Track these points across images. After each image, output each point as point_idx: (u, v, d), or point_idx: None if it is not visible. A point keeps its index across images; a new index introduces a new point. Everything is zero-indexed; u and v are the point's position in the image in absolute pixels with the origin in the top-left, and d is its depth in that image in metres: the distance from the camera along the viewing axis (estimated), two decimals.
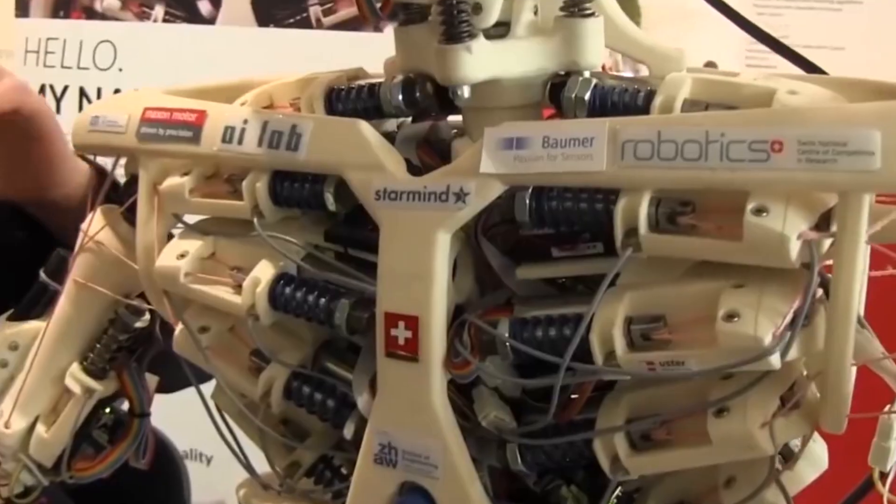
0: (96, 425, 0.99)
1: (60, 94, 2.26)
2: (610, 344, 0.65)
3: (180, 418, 1.60)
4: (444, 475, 0.72)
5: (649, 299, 0.66)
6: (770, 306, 0.62)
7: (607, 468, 0.69)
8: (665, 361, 0.64)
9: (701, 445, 0.66)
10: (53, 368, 0.96)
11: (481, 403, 0.74)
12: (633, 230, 0.65)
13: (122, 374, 0.98)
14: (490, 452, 0.75)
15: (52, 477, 1.00)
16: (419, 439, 0.72)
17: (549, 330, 0.68)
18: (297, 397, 0.80)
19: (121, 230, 0.93)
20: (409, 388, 0.71)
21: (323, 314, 0.76)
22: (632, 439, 0.69)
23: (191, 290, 0.81)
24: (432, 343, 0.69)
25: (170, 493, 1.62)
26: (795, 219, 0.62)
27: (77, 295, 0.95)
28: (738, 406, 0.65)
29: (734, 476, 0.70)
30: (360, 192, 0.73)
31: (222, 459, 2.29)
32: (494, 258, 0.74)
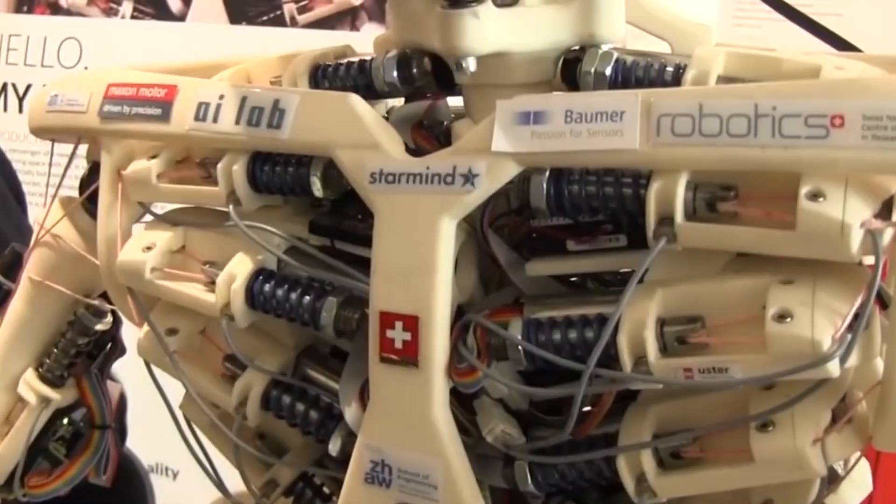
0: (53, 438, 0.91)
1: (23, 93, 2.17)
2: (640, 348, 0.57)
3: (145, 430, 1.52)
4: (445, 497, 0.63)
5: (685, 297, 0.58)
6: (826, 305, 0.54)
7: (632, 490, 0.61)
8: (705, 368, 0.56)
9: (741, 464, 0.58)
10: (6, 375, 0.88)
11: (485, 416, 0.65)
12: (666, 218, 0.57)
13: (82, 382, 0.89)
14: (493, 471, 0.67)
15: (3, 494, 0.91)
16: (417, 456, 0.63)
17: (568, 332, 0.60)
18: (276, 408, 0.72)
19: (80, 223, 0.85)
20: (407, 398, 0.62)
21: (307, 314, 0.67)
22: (660, 457, 0.60)
23: (158, 287, 0.72)
24: (434, 346, 0.61)
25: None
26: (856, 205, 0.54)
27: (32, 294, 0.86)
28: (785, 420, 0.57)
29: (771, 499, 0.62)
30: (352, 174, 0.64)
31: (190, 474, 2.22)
32: (502, 252, 0.66)
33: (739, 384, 0.55)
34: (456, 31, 0.63)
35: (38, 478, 0.90)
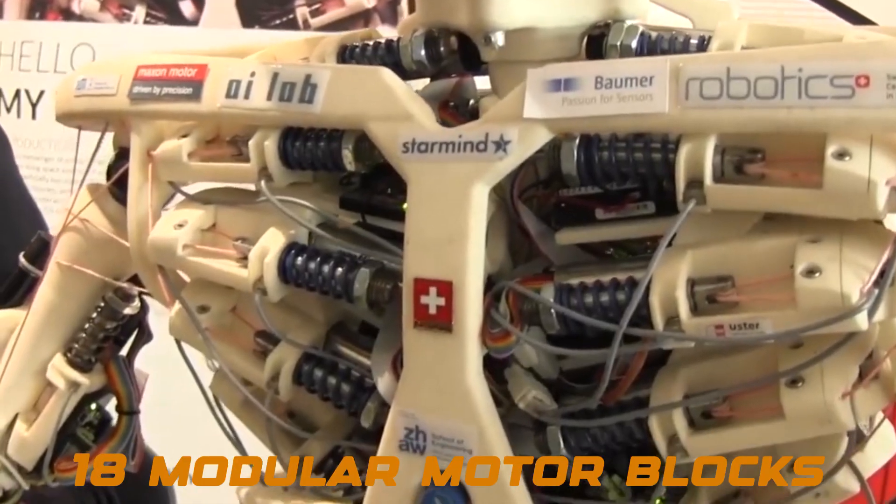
0: (81, 423, 0.92)
1: (36, 99, 2.18)
2: (672, 308, 0.58)
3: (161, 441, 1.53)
4: None
5: (714, 258, 0.59)
6: (854, 260, 0.56)
7: (664, 450, 0.62)
8: (736, 324, 0.57)
9: (771, 421, 0.59)
10: (34, 361, 0.89)
11: (517, 384, 0.66)
12: (695, 181, 0.58)
13: (110, 367, 0.90)
14: (524, 441, 0.68)
15: (32, 480, 0.92)
16: (451, 421, 0.64)
17: (600, 296, 0.61)
18: (308, 382, 0.73)
19: (108, 208, 0.86)
20: (441, 363, 0.63)
21: (340, 286, 0.68)
22: (691, 417, 0.61)
23: (190, 264, 0.73)
24: (467, 311, 0.62)
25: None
26: (882, 163, 0.55)
27: (60, 279, 0.87)
28: (815, 376, 0.58)
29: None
30: (384, 145, 0.65)
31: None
32: (532, 223, 0.67)
33: (771, 339, 0.56)
34: (484, 5, 0.64)
35: (66, 462, 0.91)
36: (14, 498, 0.94)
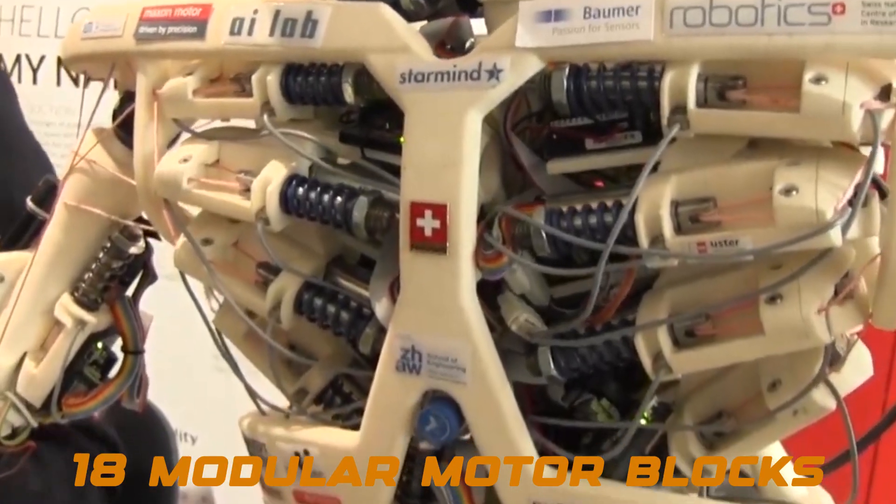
0: (87, 361, 0.94)
1: (37, 64, 2.20)
2: (657, 227, 0.61)
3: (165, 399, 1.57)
4: (473, 380, 0.67)
5: (697, 182, 0.62)
6: (829, 181, 0.59)
7: (649, 366, 0.65)
8: (717, 242, 0.60)
9: (752, 336, 0.62)
10: (42, 300, 0.91)
11: (509, 308, 0.69)
12: (679, 107, 0.61)
13: (115, 307, 0.92)
14: (518, 366, 0.70)
15: (41, 418, 0.94)
16: (446, 341, 0.67)
17: (588, 218, 0.64)
18: (308, 310, 0.76)
19: (114, 150, 0.88)
20: (436, 285, 0.66)
21: (339, 215, 0.71)
22: (675, 336, 0.64)
23: (195, 196, 0.76)
24: (461, 232, 0.65)
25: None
26: (856, 87, 0.58)
27: (67, 220, 0.90)
28: (792, 292, 0.61)
29: (779, 379, 0.66)
30: (383, 77, 0.68)
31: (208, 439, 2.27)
32: (524, 154, 0.70)
33: (750, 254, 0.59)
34: None
35: (74, 399, 0.93)
36: (22, 435, 0.96)
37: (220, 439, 2.20)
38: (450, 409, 0.68)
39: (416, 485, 0.77)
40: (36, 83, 2.13)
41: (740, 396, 0.69)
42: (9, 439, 0.96)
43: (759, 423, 0.66)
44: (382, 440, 0.71)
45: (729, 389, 0.69)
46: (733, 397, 0.69)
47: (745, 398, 0.68)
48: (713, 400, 0.70)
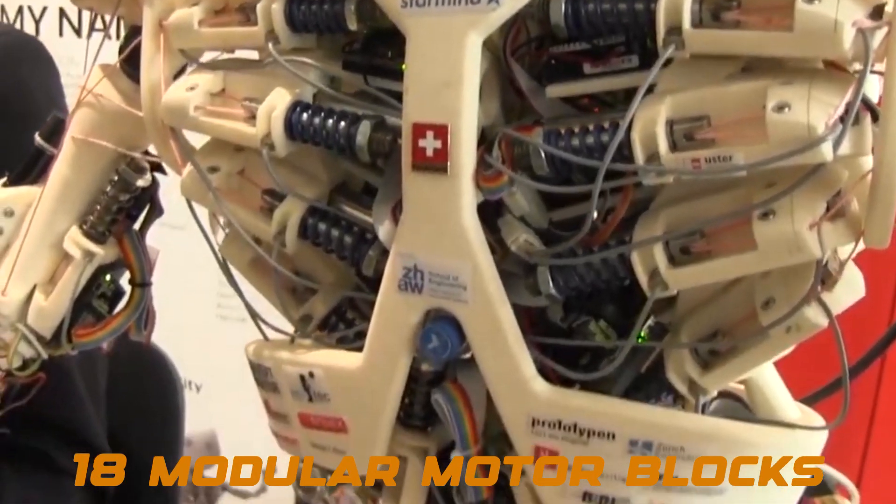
0: (96, 293, 0.96)
1: (39, 15, 2.20)
2: (652, 144, 0.63)
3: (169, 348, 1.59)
4: (474, 297, 0.69)
5: (692, 101, 0.64)
6: (821, 99, 0.60)
7: (645, 283, 0.66)
8: (711, 158, 0.61)
9: (744, 252, 0.63)
10: (51, 234, 0.93)
11: (509, 229, 0.71)
12: (675, 28, 0.62)
13: (123, 240, 0.94)
14: (518, 288, 0.72)
15: (51, 349, 0.97)
16: (447, 259, 0.69)
17: (585, 138, 0.65)
18: (312, 235, 0.77)
19: (121, 85, 0.90)
20: (437, 204, 0.68)
21: (343, 139, 0.72)
22: (671, 253, 0.66)
23: (201, 124, 0.78)
24: (462, 152, 0.66)
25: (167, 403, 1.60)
26: (849, 6, 0.59)
27: (75, 153, 0.91)
28: (785, 208, 0.62)
29: (773, 297, 0.67)
30: (385, 1, 0.69)
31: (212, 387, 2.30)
32: (523, 79, 0.71)
33: (742, 169, 0.61)
34: None
35: (83, 329, 0.95)
36: (32, 367, 0.98)
37: (225, 387, 2.24)
38: (451, 327, 0.70)
39: (418, 407, 0.79)
40: (38, 34, 2.14)
41: (735, 316, 0.70)
42: (20, 370, 0.98)
43: (753, 341, 0.68)
44: (385, 359, 0.73)
45: (724, 309, 0.71)
46: (728, 317, 0.71)
47: (740, 318, 0.70)
48: (709, 320, 0.71)
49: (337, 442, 0.79)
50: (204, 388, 2.26)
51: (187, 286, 2.06)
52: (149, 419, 1.61)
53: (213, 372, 2.23)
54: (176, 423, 1.65)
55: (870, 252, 0.67)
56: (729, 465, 0.69)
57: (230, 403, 2.21)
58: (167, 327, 1.64)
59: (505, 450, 0.76)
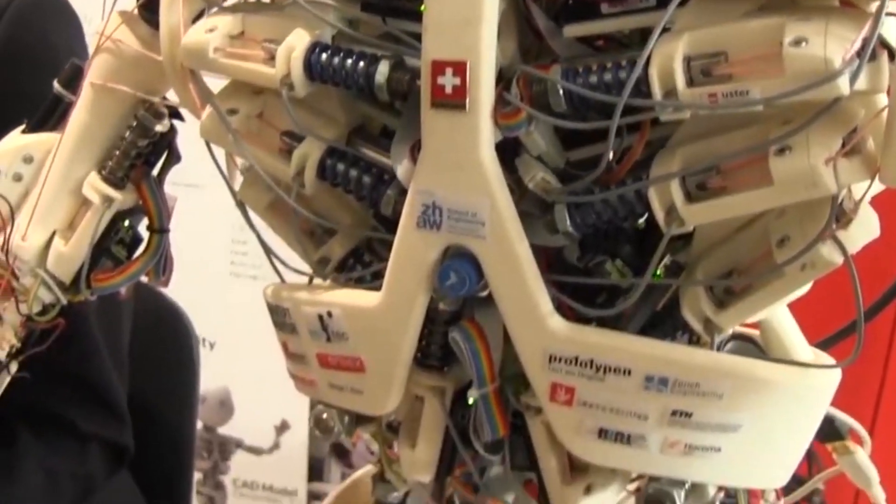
0: (114, 239, 0.96)
1: None
2: (670, 80, 0.63)
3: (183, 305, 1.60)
4: (492, 233, 0.70)
5: (709, 37, 0.64)
6: (838, 34, 0.61)
7: (662, 219, 0.67)
8: (728, 93, 0.62)
9: (760, 187, 0.64)
10: (70, 180, 0.93)
11: (526, 168, 0.72)
12: None
13: (141, 186, 0.95)
14: (535, 229, 0.73)
15: (71, 295, 0.97)
16: (465, 196, 0.69)
17: (603, 74, 0.66)
18: (331, 176, 0.78)
19: (139, 30, 0.90)
20: (456, 141, 0.69)
21: (362, 78, 0.73)
22: (687, 190, 0.67)
23: (220, 65, 0.78)
24: (481, 89, 0.67)
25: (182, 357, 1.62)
26: None
27: (94, 99, 0.92)
28: (801, 144, 0.63)
29: (788, 235, 0.68)
30: None
31: (225, 345, 2.31)
32: (541, 20, 0.72)
33: (759, 103, 0.61)
34: None
35: (102, 274, 0.96)
36: (52, 313, 0.99)
37: (238, 345, 2.26)
38: (469, 264, 0.71)
39: (435, 347, 0.80)
40: None
41: (751, 255, 0.71)
42: (40, 316, 0.98)
43: (768, 278, 0.69)
44: (403, 297, 0.74)
45: (740, 249, 0.72)
46: (744, 256, 0.72)
47: (756, 257, 0.71)
48: (724, 259, 0.72)
49: (355, 381, 0.80)
50: (217, 345, 2.27)
51: (200, 244, 2.07)
52: (165, 373, 1.62)
53: (227, 329, 2.25)
54: (192, 377, 1.66)
55: (887, 192, 0.68)
56: (744, 402, 0.70)
57: (244, 360, 2.23)
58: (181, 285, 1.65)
59: (521, 390, 0.77)
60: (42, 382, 1.04)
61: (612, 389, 0.70)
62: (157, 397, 1.58)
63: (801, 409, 0.74)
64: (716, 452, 0.72)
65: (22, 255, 0.95)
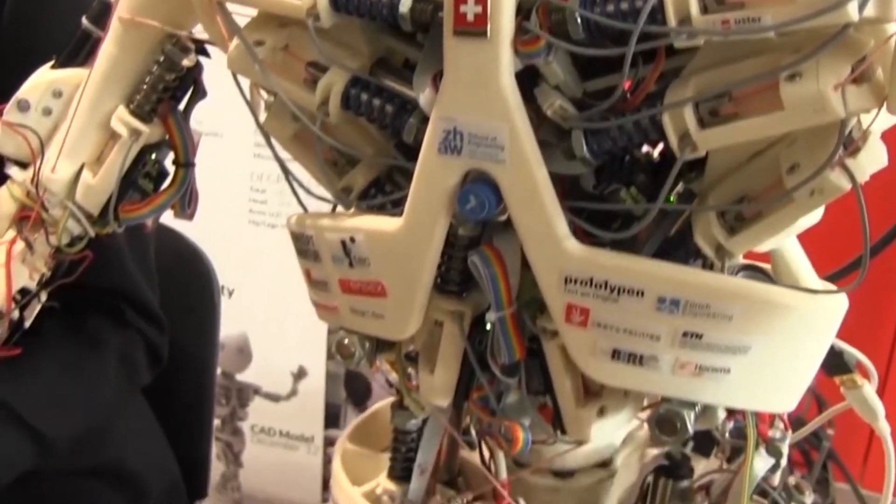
0: (141, 172, 0.99)
1: None
2: (684, 8, 0.65)
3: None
4: (511, 158, 0.72)
5: None
6: None
7: (675, 144, 0.69)
8: (740, 19, 0.64)
9: (771, 112, 0.66)
10: (99, 113, 0.96)
11: (544, 96, 0.74)
12: None
13: (168, 120, 0.97)
14: (552, 157, 0.75)
15: (98, 227, 1.00)
16: (486, 121, 0.72)
17: (620, 3, 0.68)
18: (355, 105, 0.80)
19: None
20: (477, 68, 0.71)
21: (385, 9, 0.75)
22: (700, 116, 0.69)
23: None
24: (502, 16, 0.69)
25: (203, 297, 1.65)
26: None
27: (122, 33, 0.94)
28: (811, 70, 0.65)
29: (797, 162, 0.70)
30: None
31: (243, 291, 2.33)
32: None
33: (770, 29, 0.63)
34: None
35: (129, 206, 0.98)
36: (79, 245, 1.02)
37: (257, 292, 2.28)
38: (489, 188, 0.73)
39: (454, 273, 0.82)
40: None
41: (761, 183, 0.73)
42: (68, 247, 1.01)
43: (778, 204, 0.71)
44: (425, 221, 0.76)
45: (751, 177, 0.74)
46: (755, 184, 0.74)
47: (766, 185, 0.73)
48: (736, 187, 0.75)
49: (376, 306, 0.83)
50: (236, 292, 2.30)
51: (220, 193, 2.10)
52: (187, 313, 1.65)
53: (246, 277, 2.28)
54: (212, 317, 1.69)
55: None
56: (753, 325, 0.72)
57: (262, 308, 2.26)
58: (201, 233, 1.68)
59: (537, 314, 0.80)
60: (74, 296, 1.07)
61: (625, 310, 0.73)
62: (179, 338, 1.60)
63: (808, 334, 0.77)
64: (725, 374, 0.74)
65: (51, 188, 0.98)
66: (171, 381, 1.54)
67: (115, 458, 1.50)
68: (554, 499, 0.95)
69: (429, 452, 0.98)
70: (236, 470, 2.53)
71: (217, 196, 1.92)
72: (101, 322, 1.36)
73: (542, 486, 0.94)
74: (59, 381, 1.30)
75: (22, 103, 0.98)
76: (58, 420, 1.29)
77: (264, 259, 2.25)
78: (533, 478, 0.95)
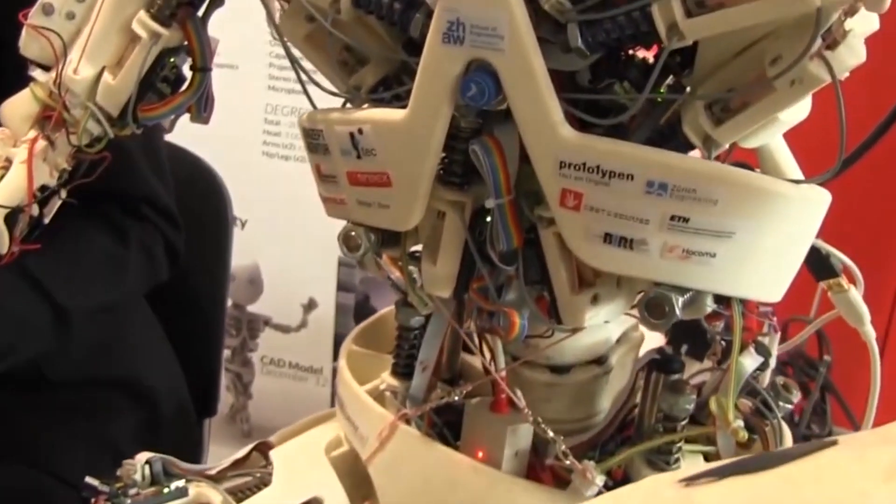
0: (160, 75, 1.03)
1: None
2: None
3: None
4: (510, 46, 0.76)
5: None
6: None
7: (664, 34, 0.73)
8: None
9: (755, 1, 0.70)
10: (119, 17, 0.99)
11: None
12: None
13: (186, 25, 1.01)
14: (550, 53, 0.79)
15: (118, 128, 1.04)
16: (487, 10, 0.76)
17: None
18: (365, 2, 0.84)
19: None
20: None
21: None
22: (687, 8, 0.73)
23: None
24: None
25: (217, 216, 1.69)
26: None
27: None
28: None
29: (780, 55, 0.74)
30: None
31: (255, 222, 2.36)
32: None
33: None
34: None
35: (147, 106, 1.03)
36: (99, 146, 1.06)
37: (269, 223, 2.32)
38: (489, 76, 0.77)
39: (456, 165, 0.87)
40: None
41: (746, 77, 0.77)
42: (88, 147, 1.05)
43: (761, 93, 0.75)
44: (429, 109, 0.81)
45: (736, 71, 0.78)
46: (740, 77, 0.78)
47: (751, 78, 0.77)
48: (723, 81, 0.79)
49: (382, 197, 0.87)
50: (248, 223, 2.34)
51: (233, 124, 2.13)
52: (200, 230, 1.69)
53: (258, 208, 2.32)
54: (225, 237, 1.73)
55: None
56: (737, 209, 0.77)
57: (274, 239, 2.30)
58: (214, 162, 1.72)
59: (534, 204, 0.84)
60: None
61: (616, 194, 0.77)
62: (191, 257, 1.65)
63: (791, 222, 0.81)
64: (711, 258, 0.79)
65: (73, 88, 1.02)
66: (185, 295, 1.58)
67: (130, 371, 1.55)
68: (550, 394, 0.99)
69: (431, 349, 1.02)
70: (245, 401, 2.57)
71: (231, 127, 1.97)
72: (121, 215, 1.41)
73: (539, 382, 0.98)
74: (82, 256, 1.35)
75: (46, 7, 1.02)
76: (78, 292, 1.35)
77: (277, 190, 2.28)
78: (530, 373, 0.99)
